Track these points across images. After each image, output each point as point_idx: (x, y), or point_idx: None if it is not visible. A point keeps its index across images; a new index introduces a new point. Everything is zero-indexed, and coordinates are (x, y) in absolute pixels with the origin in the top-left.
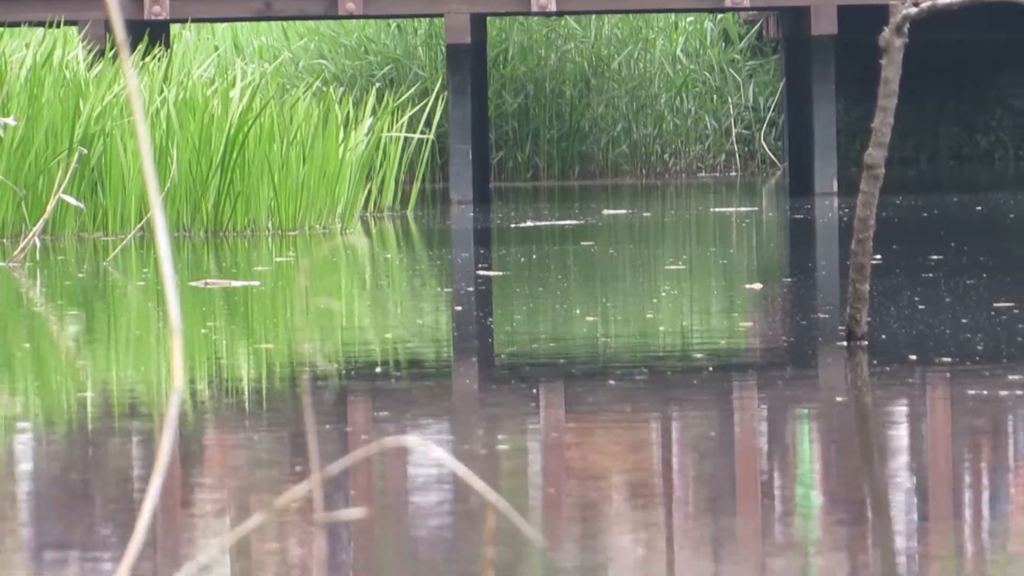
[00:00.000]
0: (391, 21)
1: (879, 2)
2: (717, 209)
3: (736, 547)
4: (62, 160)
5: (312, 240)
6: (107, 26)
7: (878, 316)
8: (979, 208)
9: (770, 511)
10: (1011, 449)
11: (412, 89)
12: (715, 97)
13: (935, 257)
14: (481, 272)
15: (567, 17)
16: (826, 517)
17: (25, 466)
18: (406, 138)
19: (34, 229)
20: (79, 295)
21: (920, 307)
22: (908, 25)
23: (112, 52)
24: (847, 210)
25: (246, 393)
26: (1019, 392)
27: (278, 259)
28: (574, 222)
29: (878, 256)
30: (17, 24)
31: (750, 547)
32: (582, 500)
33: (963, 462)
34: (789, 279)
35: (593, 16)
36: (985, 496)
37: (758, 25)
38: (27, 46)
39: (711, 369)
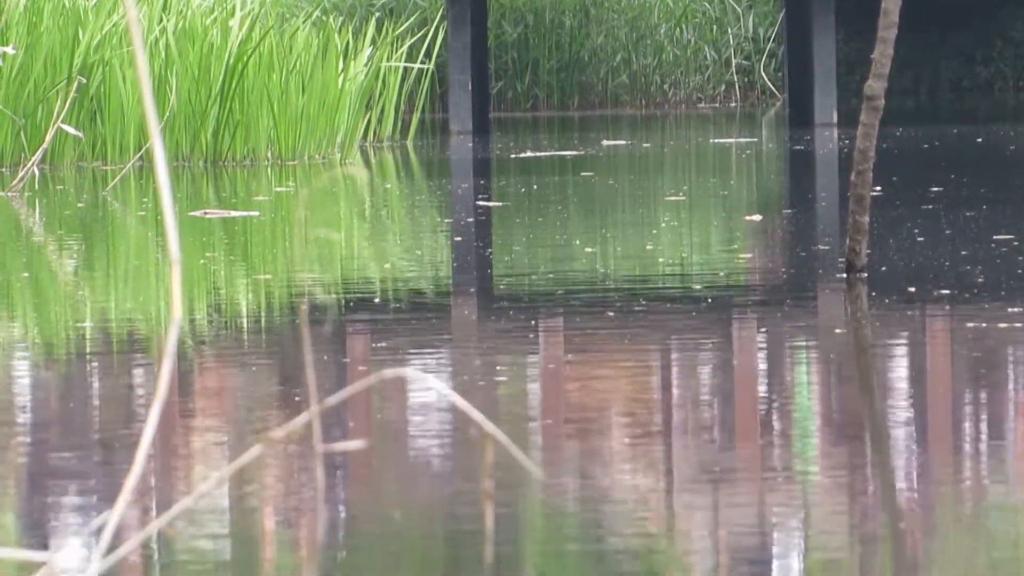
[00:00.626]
0: None
1: None
2: (717, 140)
3: (735, 473)
4: (61, 89)
5: (311, 170)
6: None
7: (878, 248)
8: (979, 140)
9: (769, 439)
10: (1010, 379)
11: (412, 19)
12: (715, 27)
13: (935, 189)
14: (480, 203)
15: None
16: (824, 443)
17: (22, 396)
18: (406, 68)
19: (33, 158)
20: (78, 225)
21: (920, 239)
22: None
23: None
24: (847, 141)
25: (244, 324)
26: (1018, 324)
27: (277, 189)
28: (573, 153)
29: (878, 188)
30: None
31: (749, 473)
32: (581, 430)
33: (962, 391)
34: (789, 211)
35: None
36: (983, 424)
37: None
38: None
39: (710, 300)
